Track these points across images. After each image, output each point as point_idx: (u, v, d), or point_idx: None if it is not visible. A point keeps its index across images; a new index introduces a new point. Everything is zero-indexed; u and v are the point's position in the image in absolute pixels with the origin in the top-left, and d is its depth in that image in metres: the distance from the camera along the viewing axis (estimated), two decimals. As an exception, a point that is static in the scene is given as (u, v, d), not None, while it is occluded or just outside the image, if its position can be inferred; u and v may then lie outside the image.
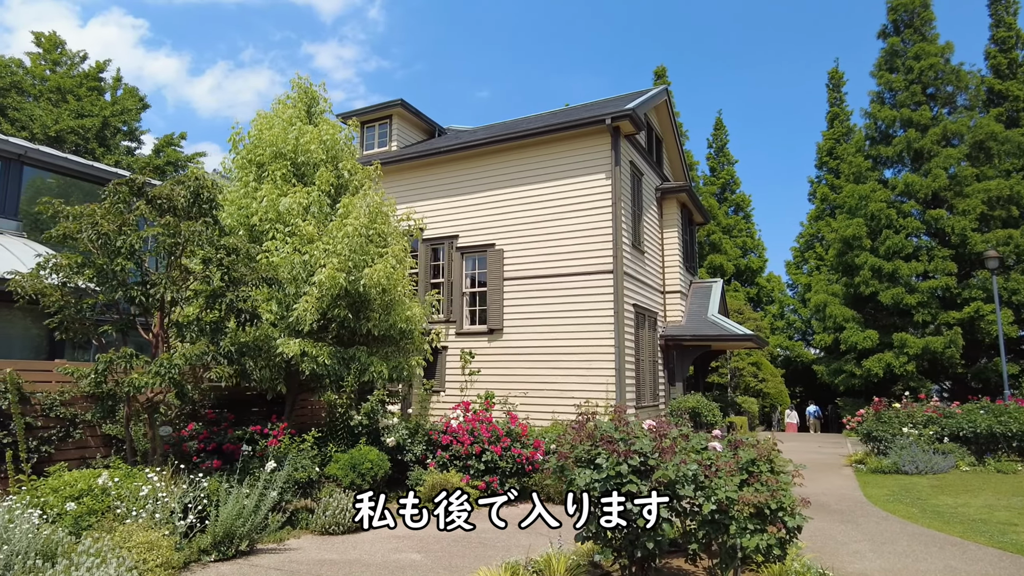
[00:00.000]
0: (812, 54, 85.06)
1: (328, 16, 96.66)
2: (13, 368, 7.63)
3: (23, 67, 24.04)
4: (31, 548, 4.72)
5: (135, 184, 6.98)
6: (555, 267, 14.45)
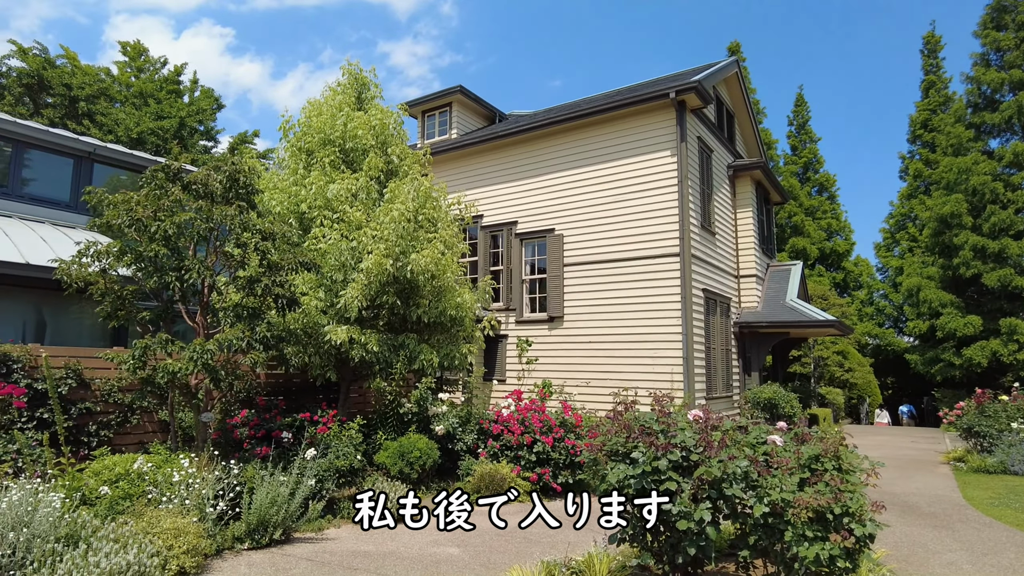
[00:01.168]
0: (903, 19, 79.15)
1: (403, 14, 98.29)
2: (71, 355, 7.88)
3: (111, 75, 25.51)
4: (51, 532, 4.72)
5: (171, 170, 6.98)
6: (618, 251, 13.83)
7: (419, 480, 8.90)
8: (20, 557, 4.59)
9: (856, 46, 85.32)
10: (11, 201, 10.64)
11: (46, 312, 9.19)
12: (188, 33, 62.03)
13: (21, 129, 10.87)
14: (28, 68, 23.49)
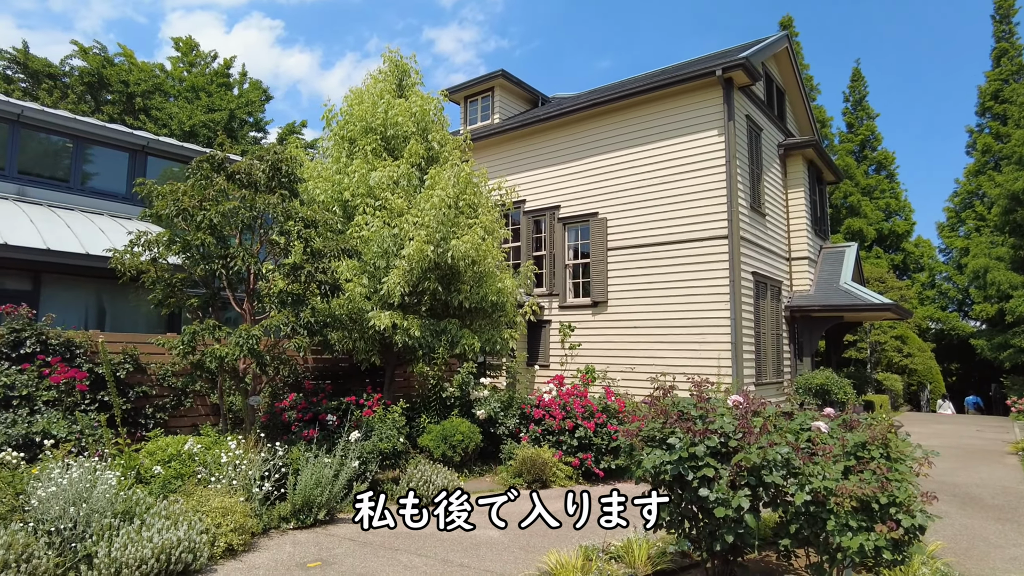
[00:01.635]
0: (976, -13, 74.77)
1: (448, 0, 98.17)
2: (128, 341, 8.22)
3: (164, 71, 26.39)
4: (108, 508, 4.94)
5: (215, 160, 7.17)
6: (664, 235, 13.59)
7: (462, 463, 8.98)
8: (80, 530, 4.83)
9: (918, 14, 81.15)
10: (73, 194, 11.14)
11: (105, 300, 9.62)
12: (239, 27, 63.60)
13: (81, 126, 11.34)
14: (89, 67, 24.49)
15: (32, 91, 23.61)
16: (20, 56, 23.52)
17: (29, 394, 6.93)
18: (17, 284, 8.81)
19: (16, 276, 8.80)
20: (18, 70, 23.81)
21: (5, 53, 23.45)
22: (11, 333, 7.22)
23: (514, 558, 5.78)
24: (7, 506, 4.87)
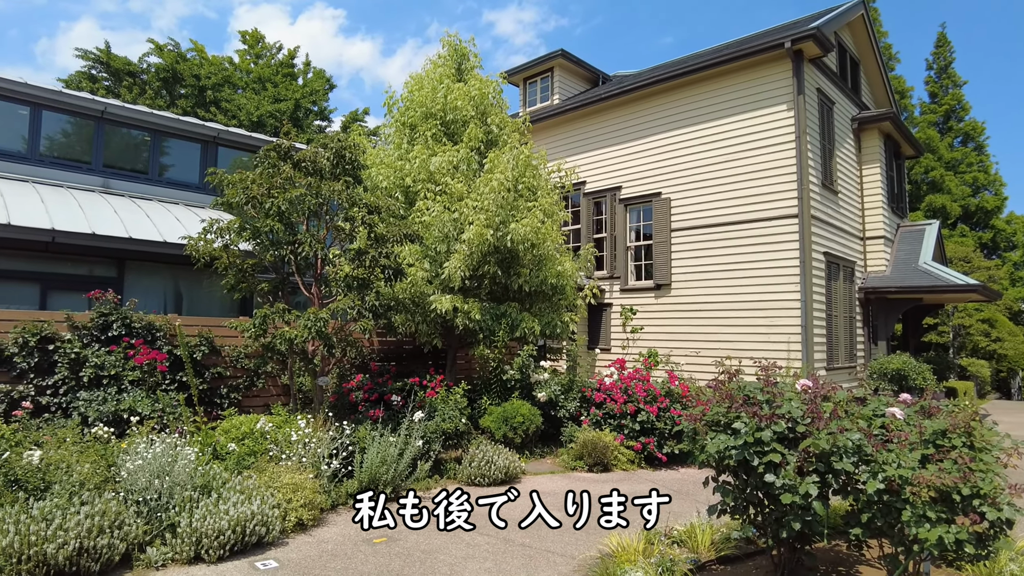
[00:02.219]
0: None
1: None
2: (203, 324, 8.62)
3: (233, 63, 27.35)
4: (188, 481, 5.23)
5: (282, 149, 7.38)
6: (730, 214, 13.19)
7: (522, 445, 9.05)
8: (164, 501, 5.14)
9: (1012, -25, 75.15)
10: (151, 185, 11.71)
11: (182, 285, 10.10)
12: (303, 17, 65.10)
13: (158, 120, 11.89)
14: (164, 63, 25.63)
15: (114, 89, 24.92)
16: (103, 56, 24.83)
17: (117, 374, 7.38)
18: (104, 271, 9.36)
19: (103, 263, 9.35)
20: (102, 69, 25.15)
21: (90, 54, 24.78)
22: (100, 317, 7.69)
23: (575, 539, 5.80)
24: (101, 476, 5.22)
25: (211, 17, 60.92)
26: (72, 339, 7.47)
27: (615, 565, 4.79)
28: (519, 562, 5.15)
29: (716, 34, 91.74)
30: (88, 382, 7.28)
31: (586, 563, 5.18)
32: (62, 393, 7.25)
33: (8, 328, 7.26)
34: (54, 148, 11.07)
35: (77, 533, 4.42)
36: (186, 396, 7.57)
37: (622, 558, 4.92)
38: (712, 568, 5.01)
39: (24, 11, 58.77)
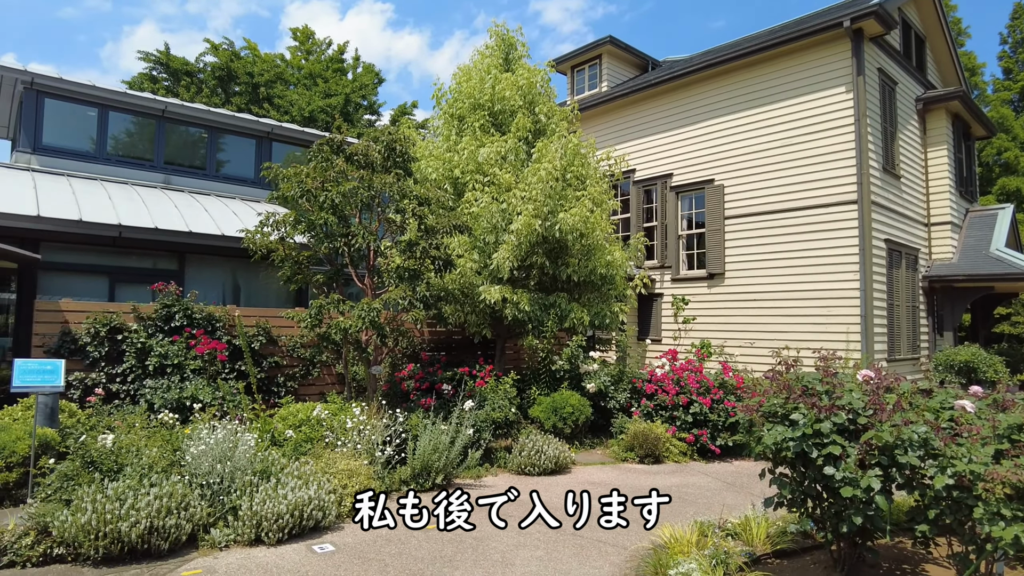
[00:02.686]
0: None
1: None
2: (261, 315, 8.87)
3: (284, 60, 27.98)
4: (248, 466, 5.40)
5: (334, 143, 7.51)
6: (785, 201, 12.81)
7: (572, 435, 9.03)
8: (226, 485, 5.33)
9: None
10: (209, 180, 12.11)
11: (239, 277, 10.42)
12: (352, 12, 66.00)
13: (215, 117, 12.27)
14: (219, 62, 26.41)
15: (173, 88, 25.83)
16: (163, 57, 25.75)
17: (179, 363, 7.68)
18: (166, 264, 9.73)
19: (165, 257, 9.72)
20: (161, 70, 26.10)
21: (151, 56, 25.75)
22: (163, 308, 8.01)
23: (626, 530, 5.76)
24: (167, 460, 5.45)
25: (264, 16, 62.43)
26: (138, 330, 7.81)
27: (668, 556, 4.74)
28: (570, 551, 5.15)
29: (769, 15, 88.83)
30: (153, 370, 7.60)
31: (638, 553, 5.15)
32: (130, 381, 7.59)
33: (81, 319, 7.64)
34: (119, 147, 11.55)
35: (147, 513, 4.62)
36: (245, 384, 7.83)
37: (675, 549, 4.87)
38: (768, 562, 4.90)
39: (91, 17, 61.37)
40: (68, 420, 6.28)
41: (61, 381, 5.68)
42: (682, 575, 4.33)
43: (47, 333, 7.46)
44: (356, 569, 4.59)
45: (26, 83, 10.49)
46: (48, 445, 5.63)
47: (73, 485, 4.90)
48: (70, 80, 10.81)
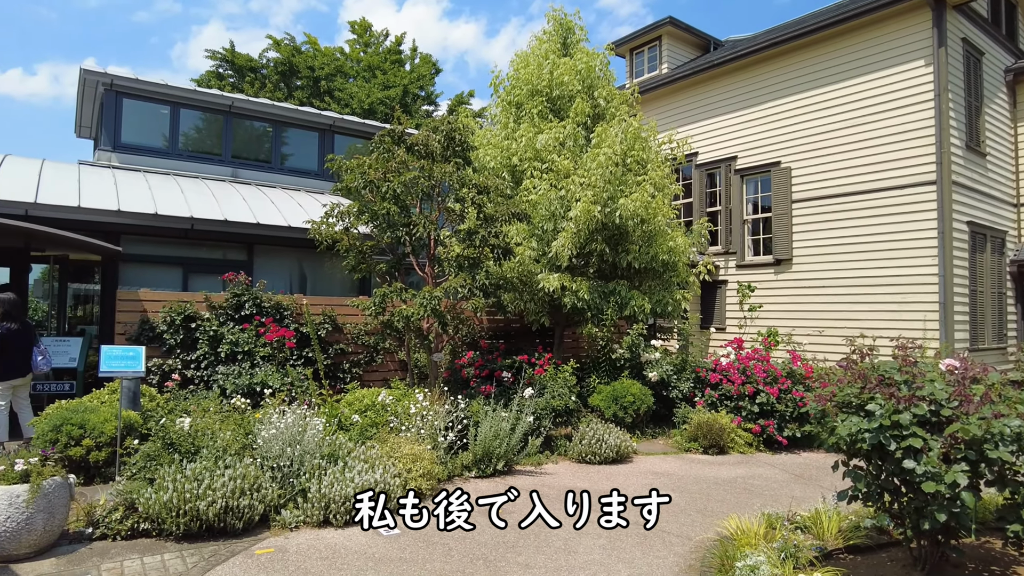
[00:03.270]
0: None
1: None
2: (326, 303, 9.10)
3: (344, 53, 28.44)
4: (317, 450, 5.56)
5: (395, 134, 7.59)
6: (857, 183, 12.24)
7: (633, 425, 8.92)
8: (296, 467, 5.50)
9: None
10: (274, 173, 12.48)
11: (305, 267, 10.72)
12: (408, 4, 66.64)
13: (278, 111, 12.61)
14: (281, 57, 27.09)
15: (238, 85, 26.67)
16: (228, 55, 26.62)
17: (250, 350, 7.96)
18: (236, 255, 10.08)
19: (235, 248, 10.08)
20: (227, 67, 26.98)
21: (217, 54, 26.66)
22: (233, 297, 8.31)
23: (691, 520, 5.66)
24: (240, 443, 5.66)
25: (322, 10, 63.74)
26: (210, 318, 8.13)
27: (734, 548, 4.62)
28: (633, 541, 5.09)
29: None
30: (225, 357, 7.90)
31: (703, 545, 5.05)
32: (203, 367, 7.92)
33: (158, 308, 8.01)
34: (190, 143, 12.03)
35: (223, 493, 4.82)
36: (312, 371, 8.06)
37: (741, 541, 4.74)
38: (840, 557, 4.72)
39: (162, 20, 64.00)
40: (149, 404, 6.61)
41: (142, 367, 5.97)
42: (749, 568, 4.21)
43: (128, 321, 7.85)
44: (421, 552, 4.67)
45: (106, 85, 11.02)
46: (132, 427, 5.94)
47: (155, 465, 5.15)
48: (145, 80, 11.30)
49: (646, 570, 4.53)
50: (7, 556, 4.33)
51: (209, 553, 4.57)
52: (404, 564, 4.46)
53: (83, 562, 4.38)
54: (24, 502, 4.30)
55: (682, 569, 4.59)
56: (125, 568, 4.29)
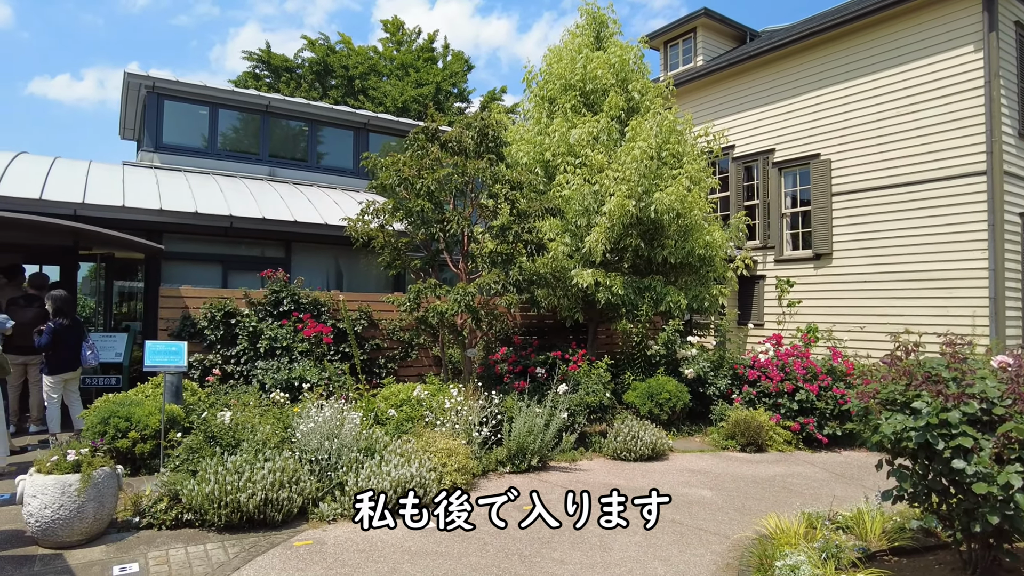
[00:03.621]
0: None
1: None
2: (362, 299, 9.20)
3: (377, 52, 28.69)
4: (354, 444, 5.63)
5: (429, 131, 7.62)
6: (901, 174, 11.88)
7: (669, 422, 8.83)
8: (333, 461, 5.58)
9: None
10: (310, 172, 12.66)
11: (341, 263, 10.84)
12: (441, 1, 66.86)
13: (314, 110, 12.79)
14: (316, 57, 27.46)
15: (274, 85, 27.12)
16: (264, 56, 27.08)
17: (288, 345, 8.10)
18: (273, 252, 10.26)
19: (272, 245, 10.25)
20: (263, 68, 27.45)
21: (253, 55, 27.16)
22: (272, 294, 8.46)
23: (728, 519, 5.58)
24: (279, 437, 5.76)
25: (356, 9, 64.39)
26: (249, 314, 8.29)
27: (773, 547, 4.54)
28: (670, 538, 5.04)
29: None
30: (264, 352, 8.05)
31: (741, 543, 4.97)
32: (243, 362, 8.09)
33: (199, 304, 8.20)
34: (228, 142, 12.28)
35: (263, 486, 4.91)
36: (349, 366, 8.16)
37: (781, 540, 4.65)
38: (884, 559, 4.59)
39: (201, 24, 65.46)
40: (190, 398, 6.77)
41: (185, 362, 6.12)
42: (789, 567, 4.13)
43: (170, 318, 8.06)
44: (457, 546, 4.69)
45: (148, 87, 11.31)
46: (175, 420, 6.09)
47: (197, 457, 5.27)
48: (185, 82, 11.56)
49: (683, 568, 4.48)
50: (60, 543, 4.48)
51: (249, 544, 4.66)
52: (440, 558, 4.49)
53: (131, 550, 4.51)
54: (76, 491, 4.45)
55: (719, 567, 4.53)
56: (171, 557, 4.41)
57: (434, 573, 4.25)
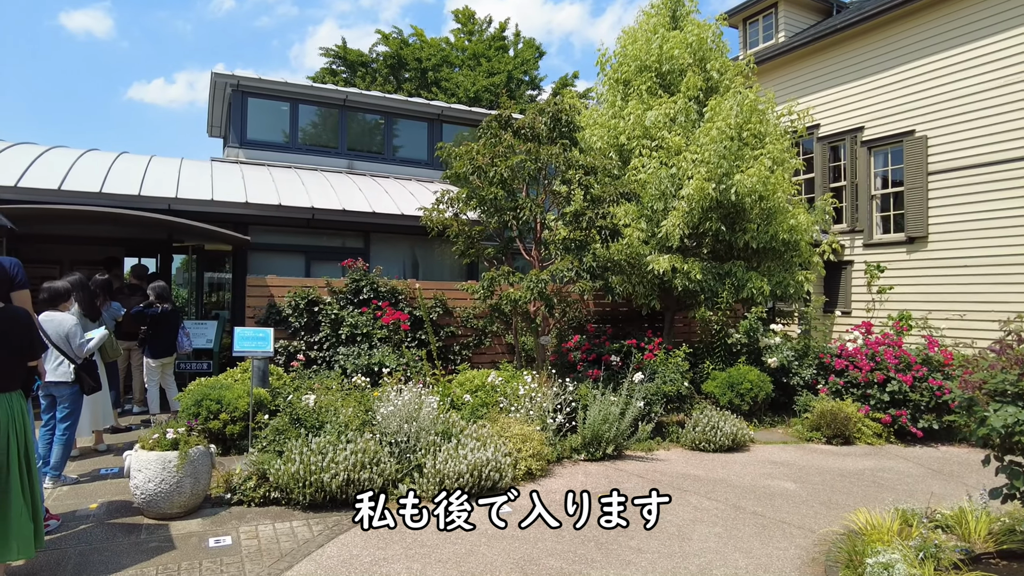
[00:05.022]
0: None
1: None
2: (437, 288, 9.34)
3: (449, 43, 28.91)
4: (431, 427, 5.74)
5: (502, 118, 7.62)
6: (1005, 150, 11.00)
7: (750, 413, 8.55)
8: (412, 443, 5.70)
9: None
10: (387, 164, 12.94)
11: (417, 253, 11.04)
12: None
13: (389, 103, 13.04)
14: (390, 51, 27.94)
15: (350, 80, 27.80)
16: (341, 52, 27.80)
17: (368, 332, 8.33)
18: (353, 242, 10.55)
19: (352, 236, 10.54)
20: (340, 63, 28.18)
21: (330, 51, 27.93)
22: (352, 283, 8.72)
23: (813, 512, 5.35)
24: (360, 419, 5.93)
25: (428, 2, 65.11)
26: (331, 302, 8.57)
27: (864, 544, 4.30)
28: (751, 530, 4.88)
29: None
30: (345, 339, 8.31)
31: (827, 538, 4.75)
32: (325, 348, 8.37)
33: (283, 293, 8.54)
34: (307, 137, 12.69)
35: (345, 467, 5.07)
36: (426, 352, 8.32)
37: (872, 537, 4.41)
38: (991, 562, 4.27)
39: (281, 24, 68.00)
40: (276, 382, 7.07)
41: (271, 347, 6.38)
42: (882, 565, 3.91)
43: (257, 306, 8.43)
44: (533, 531, 4.69)
45: (233, 86, 11.83)
46: (261, 403, 6.38)
47: (283, 439, 5.50)
48: (267, 80, 12.02)
49: (765, 561, 4.33)
50: (162, 514, 4.79)
51: (332, 523, 4.83)
52: (516, 541, 4.52)
53: (223, 524, 4.76)
54: (175, 467, 4.74)
55: (804, 562, 4.35)
56: (260, 532, 4.62)
57: (510, 555, 4.28)
